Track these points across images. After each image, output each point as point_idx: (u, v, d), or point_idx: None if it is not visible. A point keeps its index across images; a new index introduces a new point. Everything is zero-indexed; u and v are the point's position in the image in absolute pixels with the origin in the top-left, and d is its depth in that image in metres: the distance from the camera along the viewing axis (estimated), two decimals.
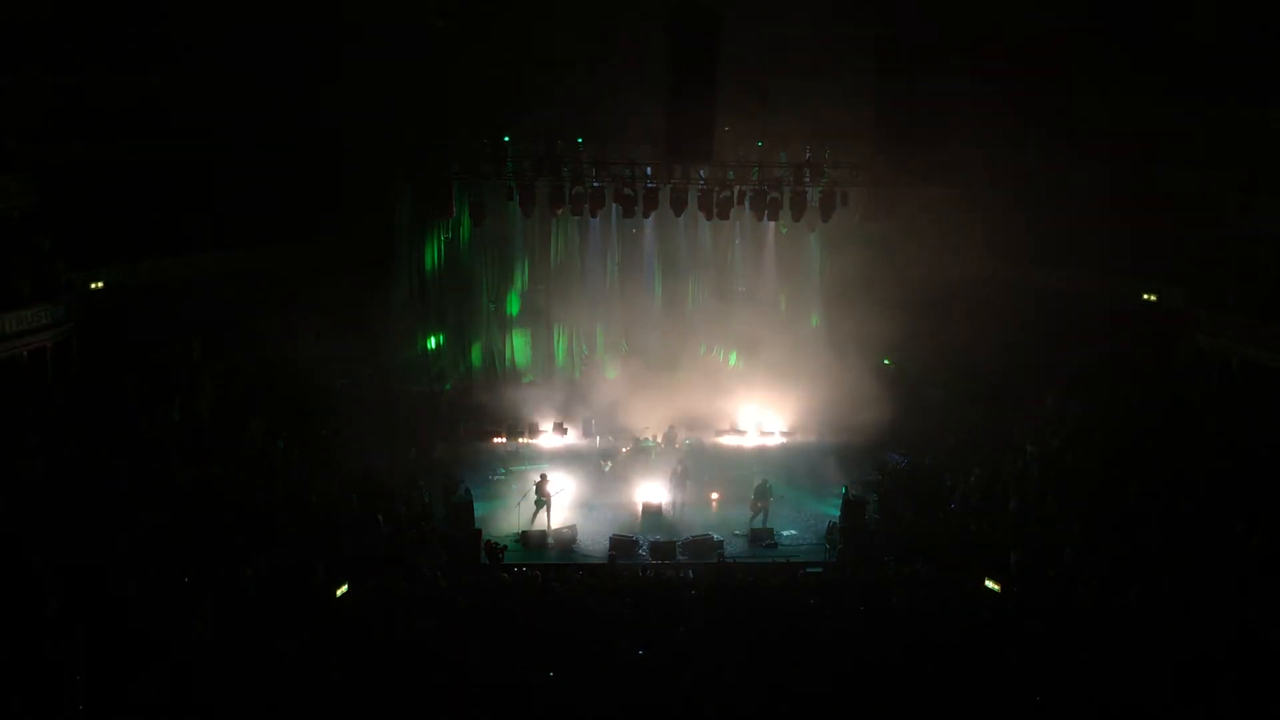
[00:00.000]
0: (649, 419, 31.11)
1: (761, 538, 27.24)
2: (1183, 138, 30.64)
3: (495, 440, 31.07)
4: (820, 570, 25.56)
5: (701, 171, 28.45)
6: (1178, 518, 22.96)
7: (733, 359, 33.75)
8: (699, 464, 29.90)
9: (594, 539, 27.07)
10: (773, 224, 30.77)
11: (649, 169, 28.63)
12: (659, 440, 30.74)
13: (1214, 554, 21.62)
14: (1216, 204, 28.82)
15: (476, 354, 33.31)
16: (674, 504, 27.80)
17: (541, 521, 27.50)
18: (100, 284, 28.56)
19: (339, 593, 22.42)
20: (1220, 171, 29.33)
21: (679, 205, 28.65)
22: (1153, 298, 30.21)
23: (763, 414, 31.56)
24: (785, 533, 27.76)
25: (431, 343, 33.04)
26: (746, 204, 28.97)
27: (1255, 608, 19.64)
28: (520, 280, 32.95)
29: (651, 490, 27.91)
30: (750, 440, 31.01)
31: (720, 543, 26.54)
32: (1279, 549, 21.34)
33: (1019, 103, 31.56)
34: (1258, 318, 27.50)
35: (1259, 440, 25.19)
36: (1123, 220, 30.18)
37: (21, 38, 28.68)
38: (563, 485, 28.22)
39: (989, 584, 23.36)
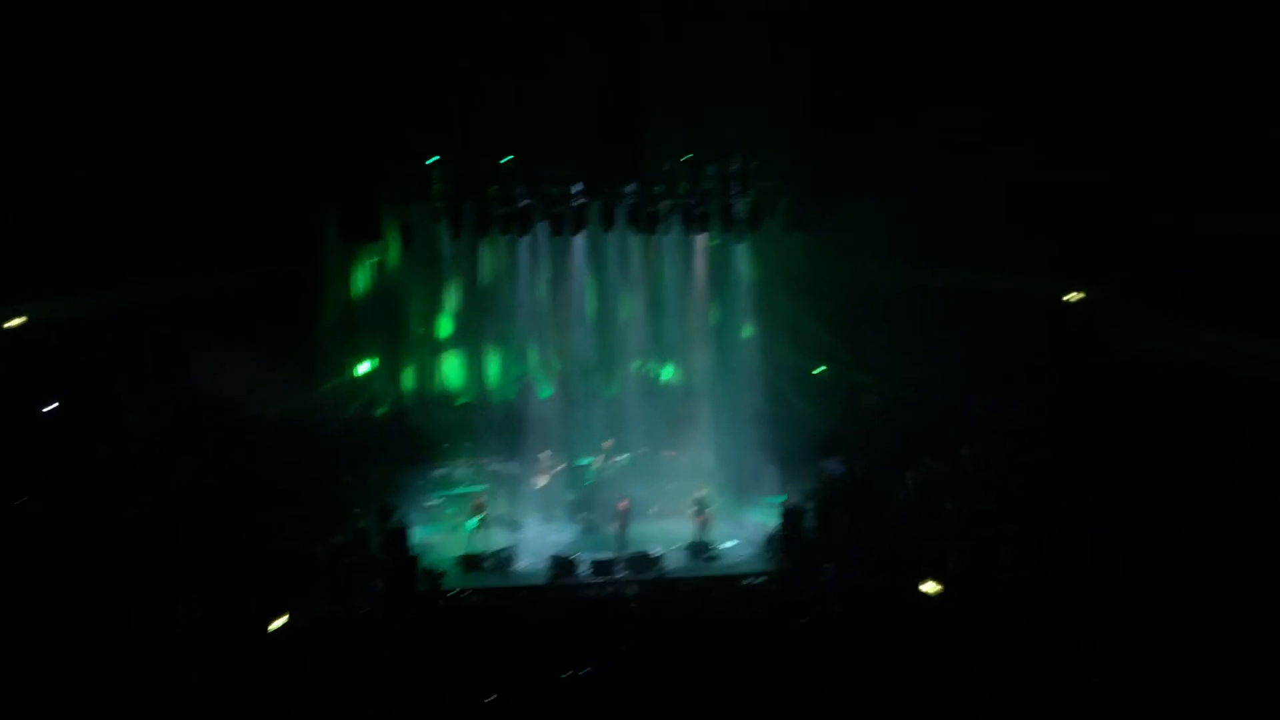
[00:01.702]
0: (585, 437, 31.12)
1: (701, 550, 27.26)
2: (1107, 140, 31.08)
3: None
4: (762, 580, 25.63)
5: (629, 186, 28.43)
6: (1109, 518, 23.20)
7: (666, 372, 33.71)
8: (635, 479, 29.95)
9: (533, 559, 26.96)
10: (702, 236, 30.79)
11: (577, 187, 28.55)
12: (597, 460, 30.66)
13: (1146, 550, 21.86)
14: (1142, 204, 29.20)
15: (409, 377, 33.04)
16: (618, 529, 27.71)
17: (480, 544, 27.34)
18: (20, 319, 27.94)
19: (274, 626, 22.15)
20: (1143, 173, 29.73)
21: (608, 221, 28.62)
22: (1079, 296, 30.53)
23: (698, 427, 31.46)
24: (725, 544, 27.80)
25: (362, 368, 32.70)
26: (675, 217, 29.00)
27: (1188, 601, 19.88)
28: (451, 301, 32.73)
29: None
30: (687, 454, 30.83)
31: (660, 558, 26.52)
32: (1211, 545, 21.61)
33: (944, 113, 32.03)
34: (1183, 316, 27.86)
35: (1187, 435, 25.53)
36: (1048, 222, 30.52)
37: None
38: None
39: (928, 587, 23.52)
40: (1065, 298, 30.71)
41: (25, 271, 28.10)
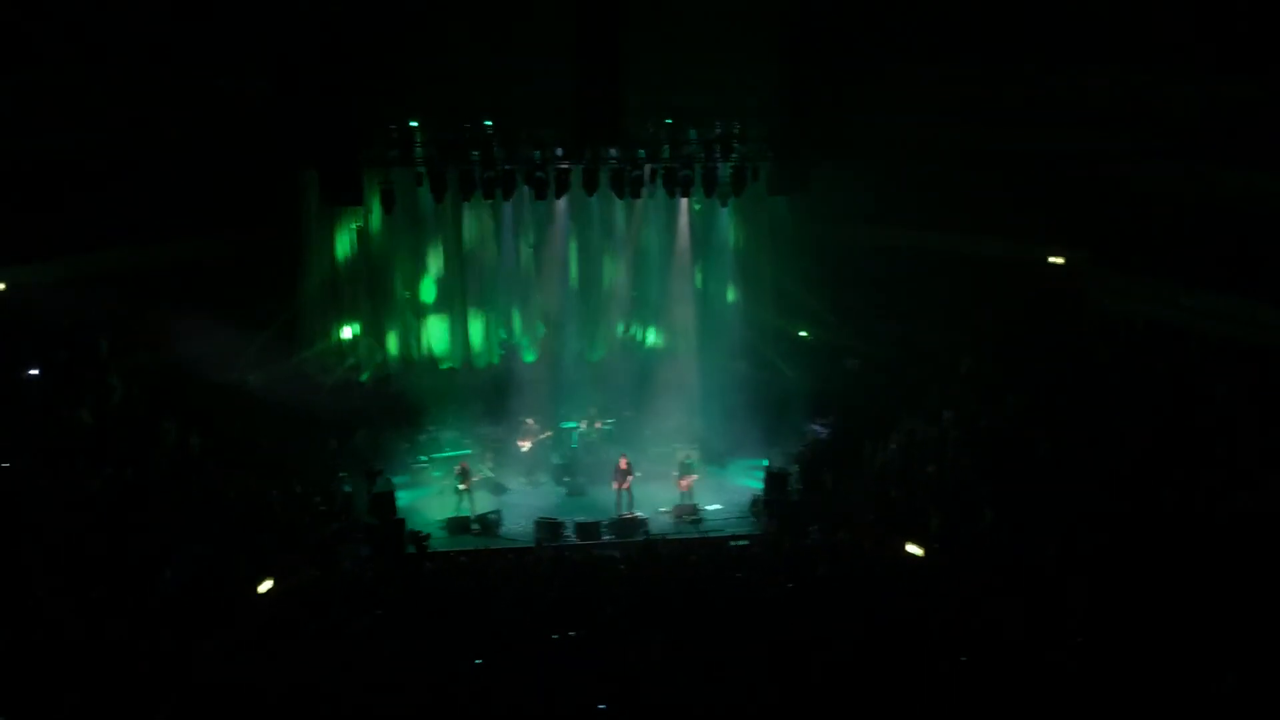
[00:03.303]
0: (570, 401, 31.18)
1: (685, 513, 27.34)
2: (1085, 105, 31.10)
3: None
4: (746, 543, 25.73)
5: (611, 151, 28.31)
6: (1088, 476, 23.33)
7: (650, 336, 33.72)
8: (620, 443, 30.01)
9: (519, 523, 27.01)
10: (685, 200, 30.73)
11: (559, 150, 28.44)
12: (582, 424, 30.71)
13: (1125, 509, 22.01)
14: (1119, 170, 29.25)
15: (393, 342, 32.95)
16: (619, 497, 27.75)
17: (466, 508, 27.39)
18: (0, 285, 27.75)
19: (262, 589, 22.17)
20: (1122, 138, 29.76)
21: (591, 186, 28.52)
22: (1060, 261, 30.63)
23: (682, 391, 31.44)
24: (709, 507, 27.90)
25: (346, 333, 32.59)
26: (658, 181, 28.94)
27: (1166, 558, 20.04)
28: (434, 266, 32.60)
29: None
30: (672, 418, 30.82)
31: (646, 521, 26.60)
32: (1187, 502, 21.76)
33: (928, 79, 32.00)
34: (1159, 278, 27.99)
35: (1162, 395, 25.67)
36: (1027, 186, 30.57)
37: None
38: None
39: (911, 548, 23.65)
40: (1047, 261, 30.74)
41: (5, 236, 27.88)
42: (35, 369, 26.38)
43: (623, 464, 27.73)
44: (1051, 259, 30.77)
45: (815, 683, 16.72)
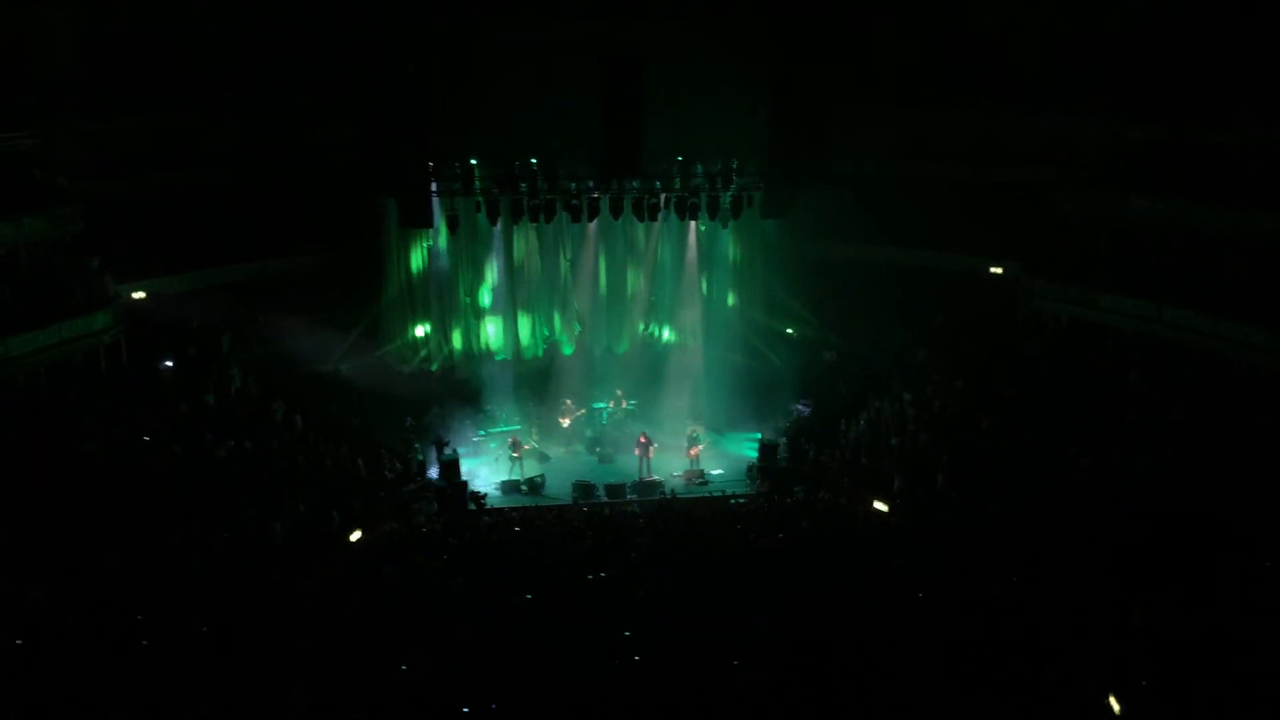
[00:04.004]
0: (600, 386, 31.21)
1: (694, 477, 27.32)
2: (1020, 142, 31.04)
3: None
4: (743, 501, 25.70)
5: (633, 183, 28.33)
6: (1021, 446, 23.26)
7: (665, 333, 33.68)
8: (640, 419, 30.05)
9: (560, 485, 27.05)
10: (694, 223, 30.68)
11: (590, 183, 28.47)
12: (610, 404, 30.73)
13: (1050, 474, 21.95)
14: (1048, 195, 29.12)
15: (457, 339, 32.94)
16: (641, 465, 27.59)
17: (516, 473, 27.43)
18: (142, 294, 27.90)
19: (352, 538, 22.29)
20: (1051, 168, 29.63)
21: (616, 211, 28.49)
22: (999, 270, 30.49)
23: (691, 377, 31.36)
24: (714, 472, 27.88)
25: (419, 331, 32.63)
26: (671, 207, 28.93)
27: (1085, 514, 19.99)
28: (490, 277, 32.60)
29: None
30: (683, 399, 30.76)
31: (662, 483, 26.60)
32: (1102, 468, 21.69)
33: (891, 122, 31.98)
34: (1081, 284, 27.83)
35: (1082, 380, 25.57)
36: (972, 211, 30.45)
37: (59, 91, 28.04)
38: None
39: (878, 505, 23.61)
40: (988, 271, 30.61)
41: (145, 255, 28.09)
42: (169, 361, 26.60)
43: (643, 439, 27.66)
44: (992, 269, 30.59)
45: (800, 611, 16.73)
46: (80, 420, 22.78)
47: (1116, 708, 14.13)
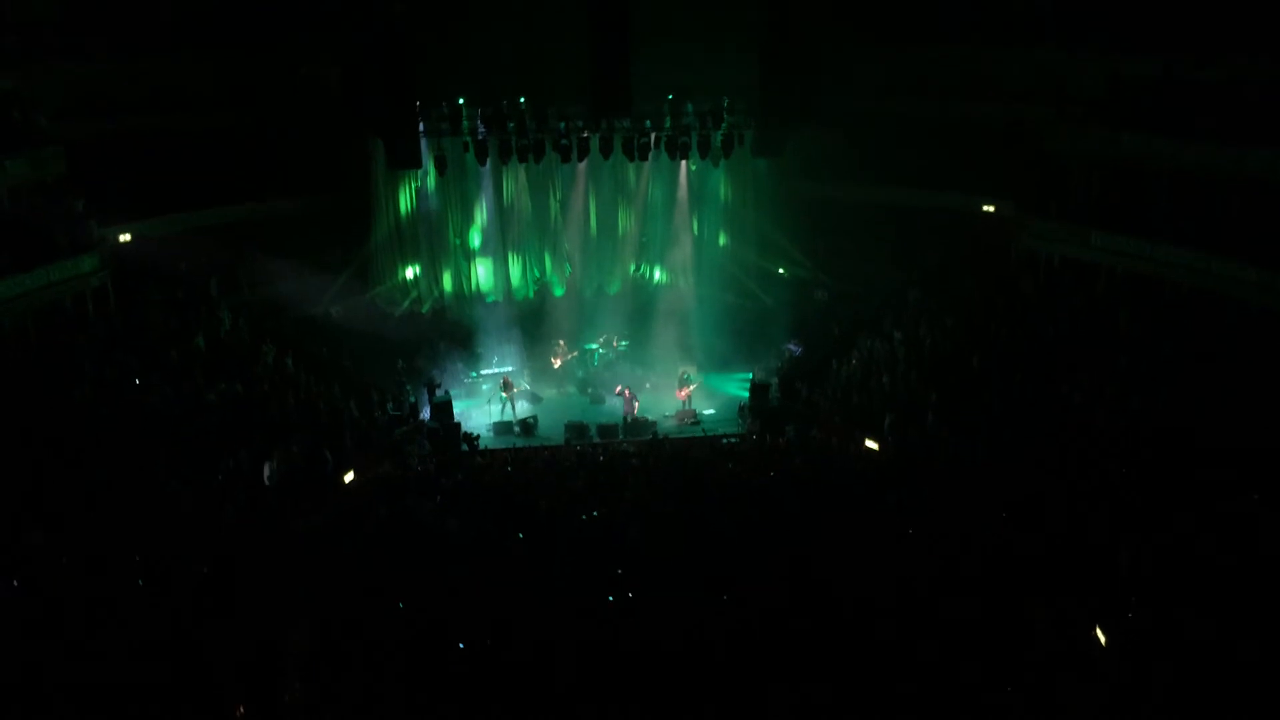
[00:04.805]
0: (591, 327, 31.18)
1: (686, 417, 27.38)
2: (1012, 79, 30.75)
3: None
4: (735, 441, 25.80)
5: (623, 122, 28.01)
6: (1012, 385, 23.33)
7: (657, 274, 33.59)
8: (632, 361, 30.05)
9: (552, 425, 27.10)
10: (684, 162, 30.42)
11: (580, 122, 28.13)
12: (602, 344, 30.68)
13: (1041, 411, 22.04)
14: (1039, 133, 28.88)
15: (448, 280, 32.84)
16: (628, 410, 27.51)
17: (509, 414, 27.47)
18: (128, 236, 27.62)
19: (346, 479, 22.34)
20: (1043, 105, 29.36)
21: (606, 151, 28.27)
22: (991, 209, 30.36)
23: (683, 318, 31.31)
24: (705, 412, 27.94)
25: (409, 273, 32.50)
26: (662, 147, 28.65)
27: (1078, 450, 20.11)
28: (480, 217, 32.39)
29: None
30: (674, 339, 30.73)
31: (654, 423, 26.65)
32: (1092, 406, 21.78)
33: (883, 60, 31.62)
34: (1072, 223, 27.73)
35: (1075, 319, 25.59)
36: (965, 149, 30.24)
37: (40, 33, 27.63)
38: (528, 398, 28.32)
39: (869, 444, 23.72)
40: (981, 210, 30.48)
41: (130, 198, 27.77)
42: (159, 302, 26.38)
43: (626, 393, 27.50)
44: (985, 208, 30.46)
45: (791, 546, 16.90)
46: (71, 364, 22.65)
47: (1103, 640, 14.37)
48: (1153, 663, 13.53)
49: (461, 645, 14.13)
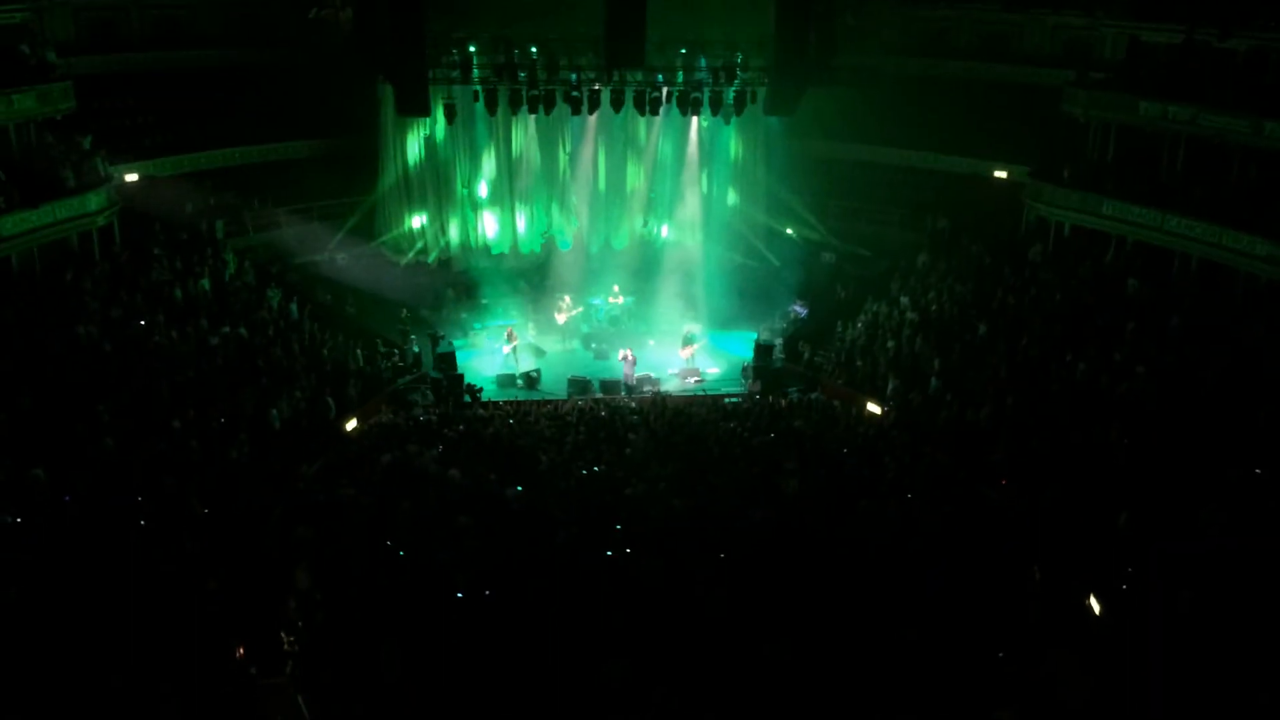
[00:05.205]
0: (597, 282, 31.07)
1: (689, 375, 27.36)
2: (1032, 43, 30.40)
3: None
4: (737, 400, 25.79)
5: (635, 75, 27.71)
6: (1019, 351, 23.27)
7: (664, 230, 33.42)
8: (637, 317, 29.97)
9: (556, 379, 27.10)
10: (695, 118, 30.14)
11: (592, 74, 27.84)
12: (607, 301, 30.58)
13: (1047, 378, 21.99)
14: (1058, 98, 28.56)
15: (454, 231, 32.72)
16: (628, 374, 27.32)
17: (512, 366, 27.46)
18: (134, 176, 27.47)
19: (349, 427, 22.38)
20: (1058, 72, 29.03)
21: (617, 104, 27.93)
22: (1003, 175, 30.13)
23: (689, 275, 31.15)
24: (708, 370, 27.93)
25: (415, 222, 32.35)
26: (673, 102, 28.36)
27: (1079, 416, 20.07)
28: (488, 168, 32.20)
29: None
30: (680, 297, 30.60)
31: (657, 380, 26.63)
32: (1098, 374, 21.72)
33: (899, 20, 31.24)
34: (1084, 190, 27.52)
35: (1084, 286, 25.48)
36: (978, 112, 30.00)
37: None
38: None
39: (871, 407, 23.71)
40: (993, 175, 30.26)
41: (137, 136, 27.61)
42: (162, 245, 26.29)
43: (629, 358, 27.17)
44: (997, 173, 30.24)
45: (789, 505, 16.90)
46: (77, 302, 22.61)
47: (1096, 608, 14.41)
48: (1146, 634, 13.56)
49: (460, 595, 14.17)
